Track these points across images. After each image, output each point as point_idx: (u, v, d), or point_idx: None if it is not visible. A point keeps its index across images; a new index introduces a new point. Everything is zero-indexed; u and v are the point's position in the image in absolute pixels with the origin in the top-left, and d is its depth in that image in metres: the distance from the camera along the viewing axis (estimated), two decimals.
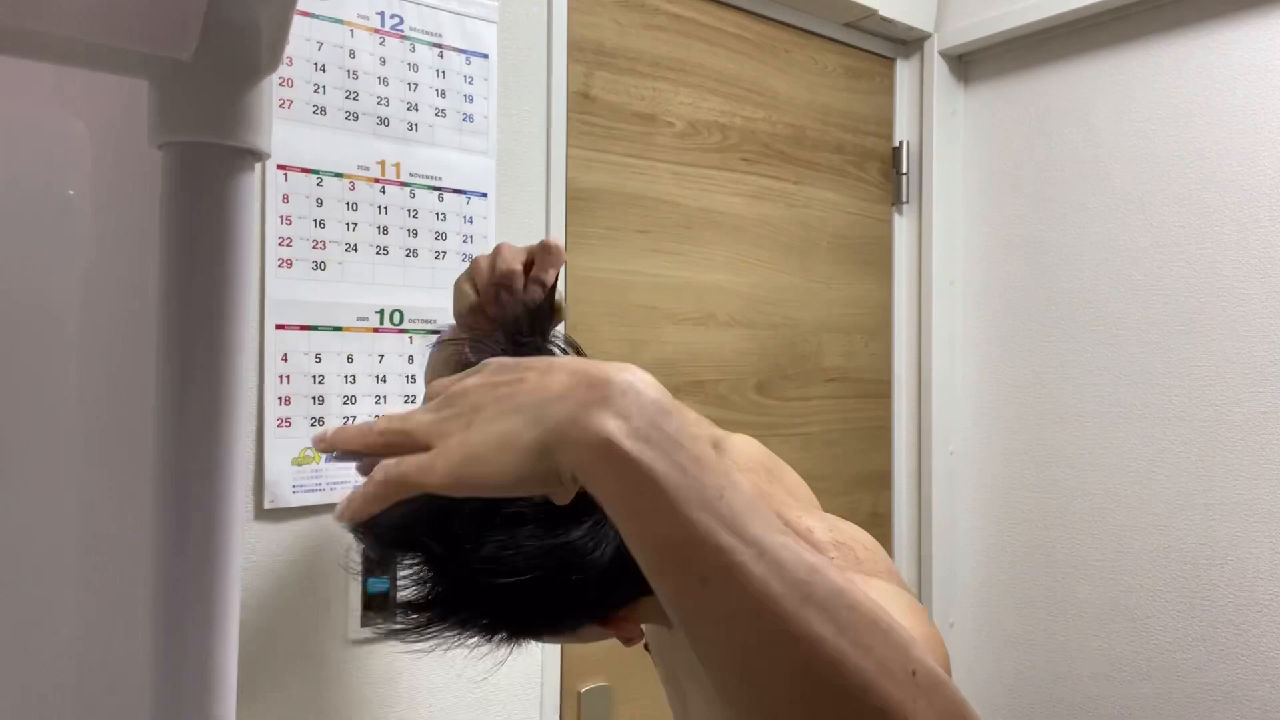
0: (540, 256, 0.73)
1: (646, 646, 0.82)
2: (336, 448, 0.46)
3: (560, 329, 0.86)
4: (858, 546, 0.63)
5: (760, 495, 0.69)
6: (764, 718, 0.37)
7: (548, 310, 0.73)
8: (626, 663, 1.31)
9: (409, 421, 0.44)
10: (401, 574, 0.59)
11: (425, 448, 0.42)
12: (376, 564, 0.84)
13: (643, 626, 0.80)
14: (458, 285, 0.77)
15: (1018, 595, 1.65)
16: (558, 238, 0.79)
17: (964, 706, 0.39)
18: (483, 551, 0.54)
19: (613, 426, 0.38)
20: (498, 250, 0.75)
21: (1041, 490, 1.62)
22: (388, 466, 0.42)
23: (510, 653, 0.61)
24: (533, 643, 0.66)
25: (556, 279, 0.74)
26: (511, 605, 0.57)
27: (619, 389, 0.39)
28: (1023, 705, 1.62)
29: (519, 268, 0.72)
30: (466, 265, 0.79)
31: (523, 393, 0.41)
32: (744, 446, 0.81)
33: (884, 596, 0.55)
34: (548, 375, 0.41)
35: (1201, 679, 1.40)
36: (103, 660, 0.82)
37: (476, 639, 0.59)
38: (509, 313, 0.71)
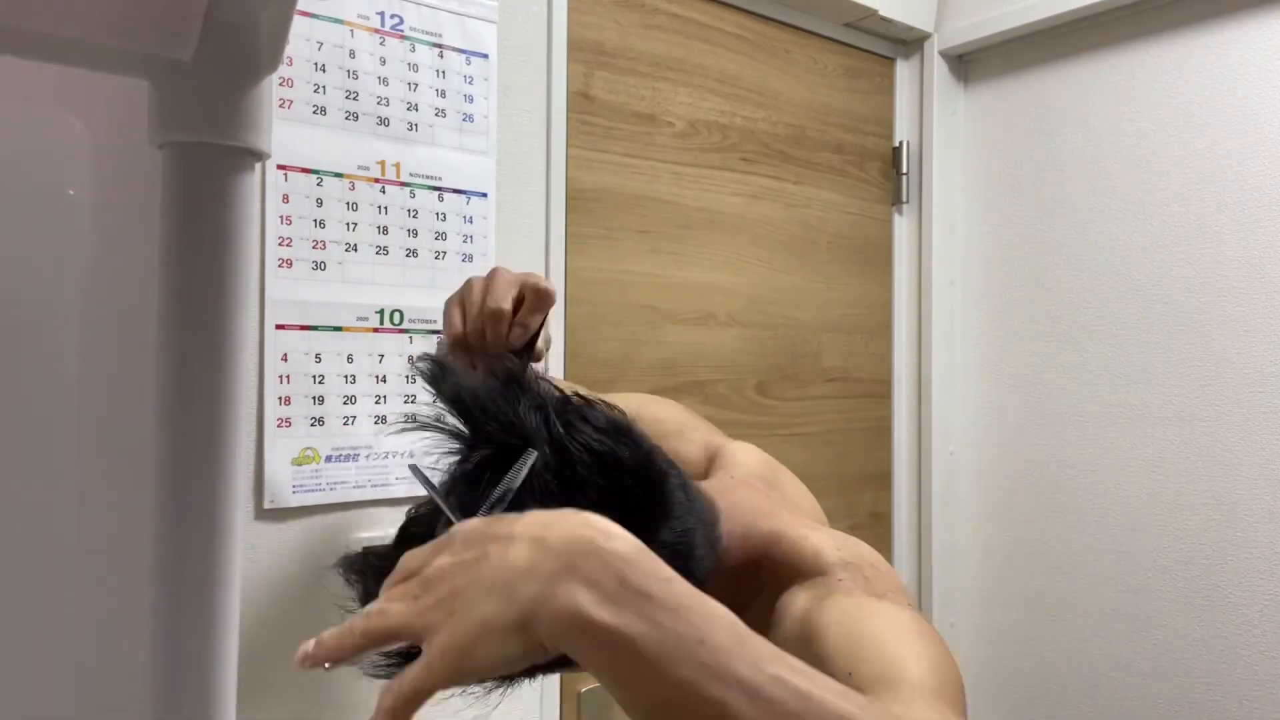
0: (530, 298, 0.74)
1: None
2: (322, 659, 0.44)
3: (545, 366, 0.87)
4: (865, 565, 0.63)
5: (756, 511, 0.68)
6: None
7: (526, 358, 0.74)
8: None
9: (388, 618, 0.43)
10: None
11: (409, 638, 0.43)
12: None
13: None
14: (448, 309, 0.77)
15: (1018, 595, 1.65)
16: (551, 281, 0.79)
17: None
18: None
19: (581, 599, 0.38)
20: (491, 281, 0.75)
21: (1041, 490, 1.62)
22: (393, 690, 0.42)
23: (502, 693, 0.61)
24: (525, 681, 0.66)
25: (543, 324, 0.75)
26: None
27: (581, 553, 0.40)
28: (1022, 705, 1.62)
29: (508, 308, 0.73)
30: (465, 269, 0.79)
31: (489, 571, 0.41)
32: (744, 456, 0.80)
33: (894, 625, 0.55)
34: (510, 547, 0.41)
35: (1202, 679, 1.40)
36: (103, 660, 0.82)
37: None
38: (490, 349, 0.73)
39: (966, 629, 1.72)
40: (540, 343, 0.78)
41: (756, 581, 0.65)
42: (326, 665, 0.45)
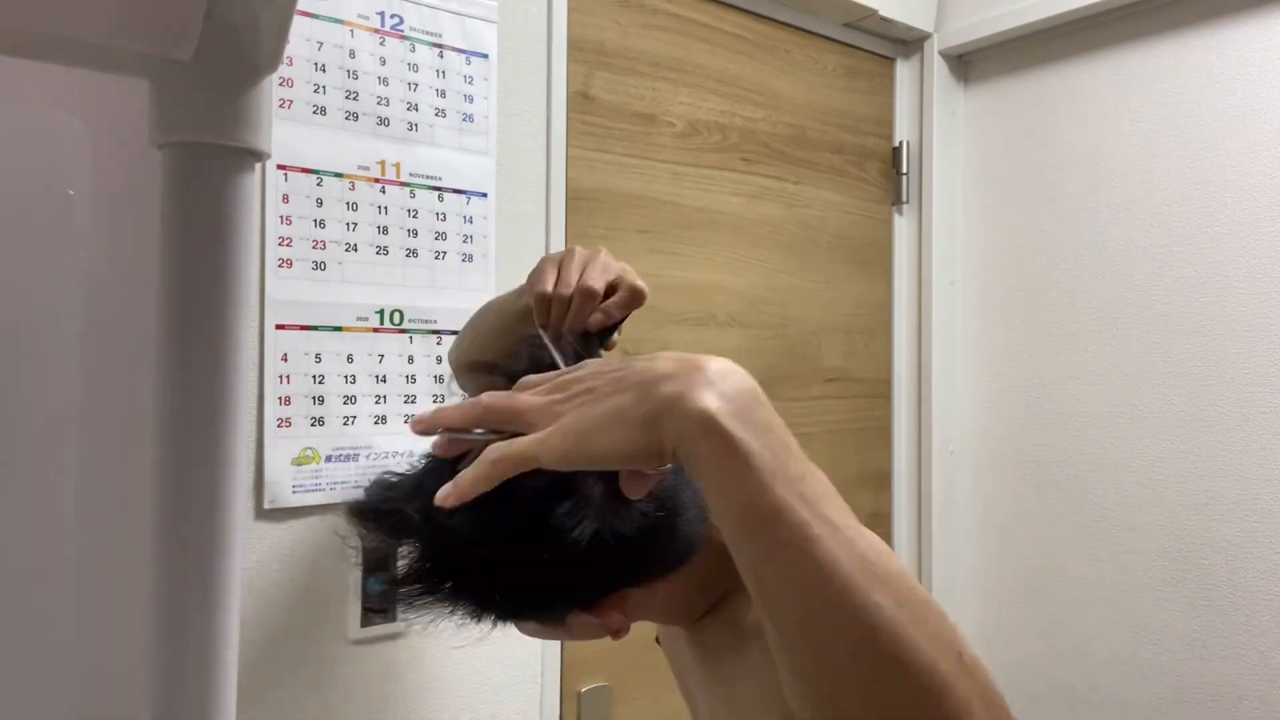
0: (624, 293, 0.76)
1: (658, 640, 0.82)
2: (440, 426, 0.48)
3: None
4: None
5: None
6: (825, 677, 0.41)
7: (599, 344, 0.75)
8: (626, 663, 1.31)
9: (516, 401, 0.48)
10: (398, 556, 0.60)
11: (529, 427, 0.46)
12: (374, 552, 0.84)
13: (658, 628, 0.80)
14: (542, 266, 0.78)
15: (1018, 595, 1.65)
16: (645, 284, 0.81)
17: (998, 693, 0.44)
18: (460, 523, 0.56)
19: (715, 405, 0.42)
20: (592, 259, 0.77)
21: (1041, 490, 1.62)
22: (500, 448, 0.46)
23: (497, 630, 0.62)
24: (530, 630, 0.67)
25: (624, 318, 0.77)
26: (494, 580, 0.58)
27: (720, 374, 0.44)
28: (1022, 705, 1.62)
29: (600, 289, 0.75)
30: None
31: (633, 375, 0.45)
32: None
33: None
34: (655, 360, 0.46)
35: (1202, 679, 1.40)
36: (103, 660, 0.82)
37: (468, 617, 0.61)
38: (567, 324, 0.74)
39: (966, 629, 1.72)
40: (616, 335, 0.79)
41: None
42: (440, 432, 0.48)
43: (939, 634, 0.41)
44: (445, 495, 0.47)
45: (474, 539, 0.57)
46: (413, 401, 1.08)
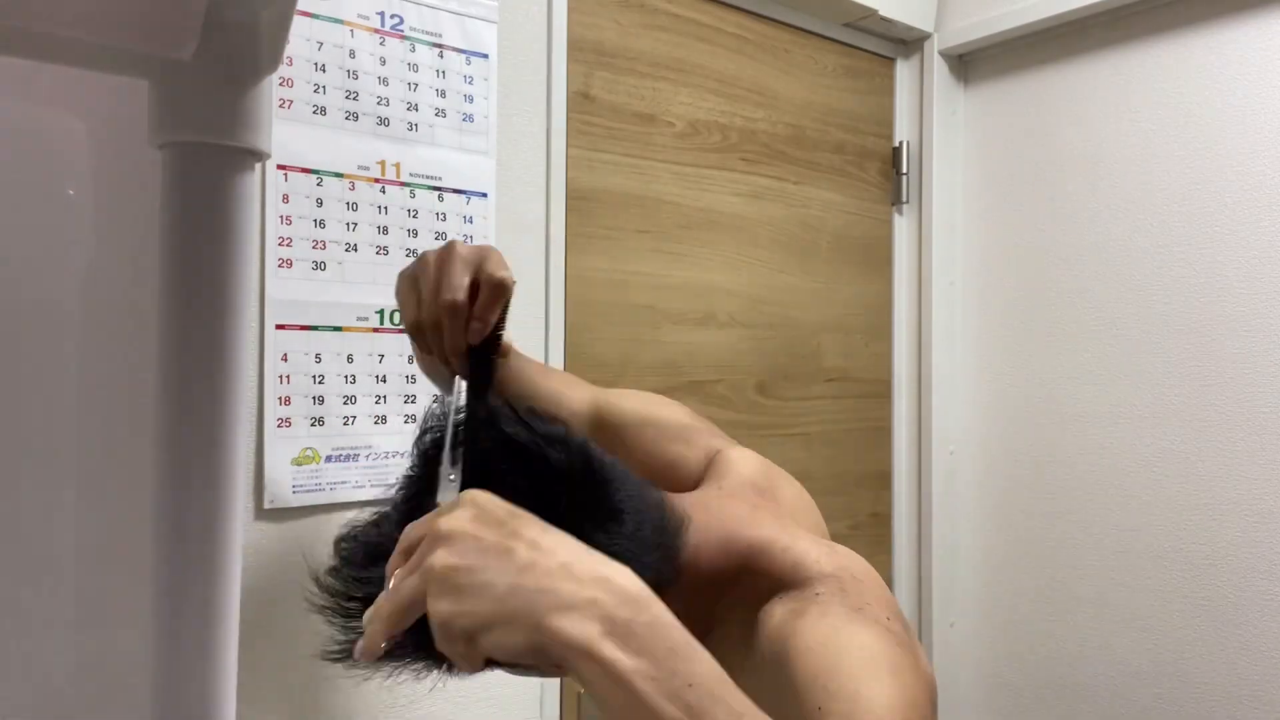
0: (485, 291, 0.70)
1: None
2: (368, 657, 0.48)
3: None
4: (846, 577, 0.62)
5: (739, 521, 0.68)
6: None
7: (489, 354, 0.71)
8: None
9: (400, 595, 0.47)
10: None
11: (422, 607, 0.46)
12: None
13: None
14: (401, 290, 0.73)
15: (1017, 595, 1.65)
16: (506, 268, 0.72)
17: None
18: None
19: (591, 630, 0.43)
20: (445, 266, 0.71)
21: (1041, 490, 1.62)
22: (396, 605, 0.47)
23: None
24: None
25: (502, 317, 0.72)
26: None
27: (602, 587, 0.44)
28: (1022, 705, 1.62)
29: (463, 299, 0.69)
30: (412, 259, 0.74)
31: (518, 571, 0.44)
32: (740, 466, 0.79)
33: (866, 657, 0.55)
34: (537, 556, 0.45)
35: (1202, 679, 1.40)
36: (103, 660, 0.82)
37: (421, 665, 0.60)
38: (448, 349, 0.70)
39: (966, 629, 1.72)
40: (507, 338, 0.74)
41: (736, 592, 0.65)
42: (380, 652, 0.48)
43: None
44: (359, 653, 0.48)
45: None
46: (413, 401, 1.08)
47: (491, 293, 0.70)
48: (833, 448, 1.64)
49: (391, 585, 0.47)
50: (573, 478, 0.61)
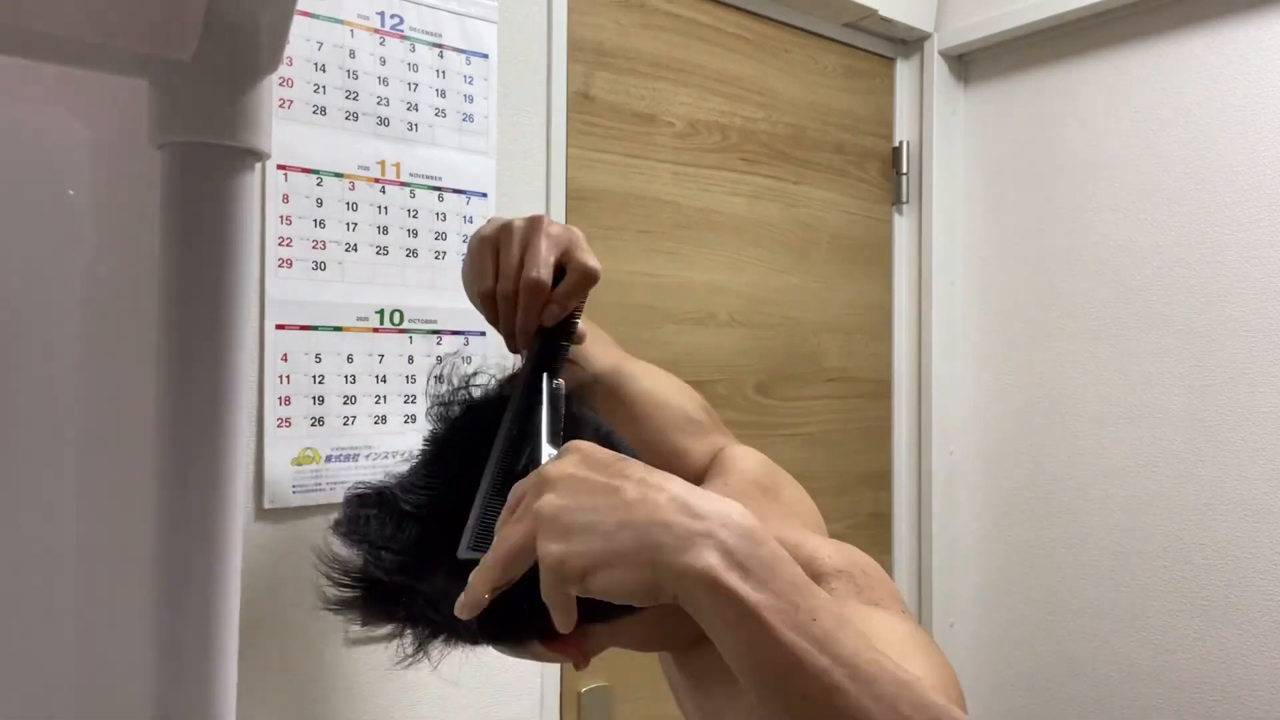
0: (573, 277, 0.67)
1: None
2: (475, 605, 0.47)
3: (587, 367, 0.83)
4: (857, 573, 0.62)
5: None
6: None
7: (564, 341, 0.68)
8: (627, 663, 1.31)
9: (509, 540, 0.46)
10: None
11: (540, 543, 0.45)
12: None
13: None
14: (479, 255, 0.69)
15: (1018, 595, 1.65)
16: (593, 255, 0.69)
17: None
18: (416, 550, 0.57)
19: (714, 560, 0.41)
20: (531, 240, 0.67)
21: (1041, 490, 1.62)
22: (486, 572, 0.46)
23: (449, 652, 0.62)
24: (496, 648, 0.66)
25: (581, 304, 0.68)
26: (440, 608, 0.57)
27: (718, 520, 0.43)
28: (1022, 705, 1.62)
29: (547, 280, 0.66)
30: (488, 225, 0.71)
31: (628, 506, 0.44)
32: (744, 464, 0.79)
33: (896, 637, 0.55)
34: (652, 492, 0.44)
35: (1202, 679, 1.40)
36: (103, 660, 0.82)
37: (421, 639, 0.61)
38: (519, 325, 0.67)
39: (966, 629, 1.72)
40: (582, 326, 0.71)
41: None
42: (484, 604, 0.47)
43: None
44: (461, 607, 0.47)
45: (419, 570, 0.57)
46: (412, 401, 1.08)
47: (580, 279, 0.67)
48: (833, 448, 1.64)
49: (499, 534, 0.46)
50: None
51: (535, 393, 0.62)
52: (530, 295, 0.66)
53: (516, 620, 0.59)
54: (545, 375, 0.63)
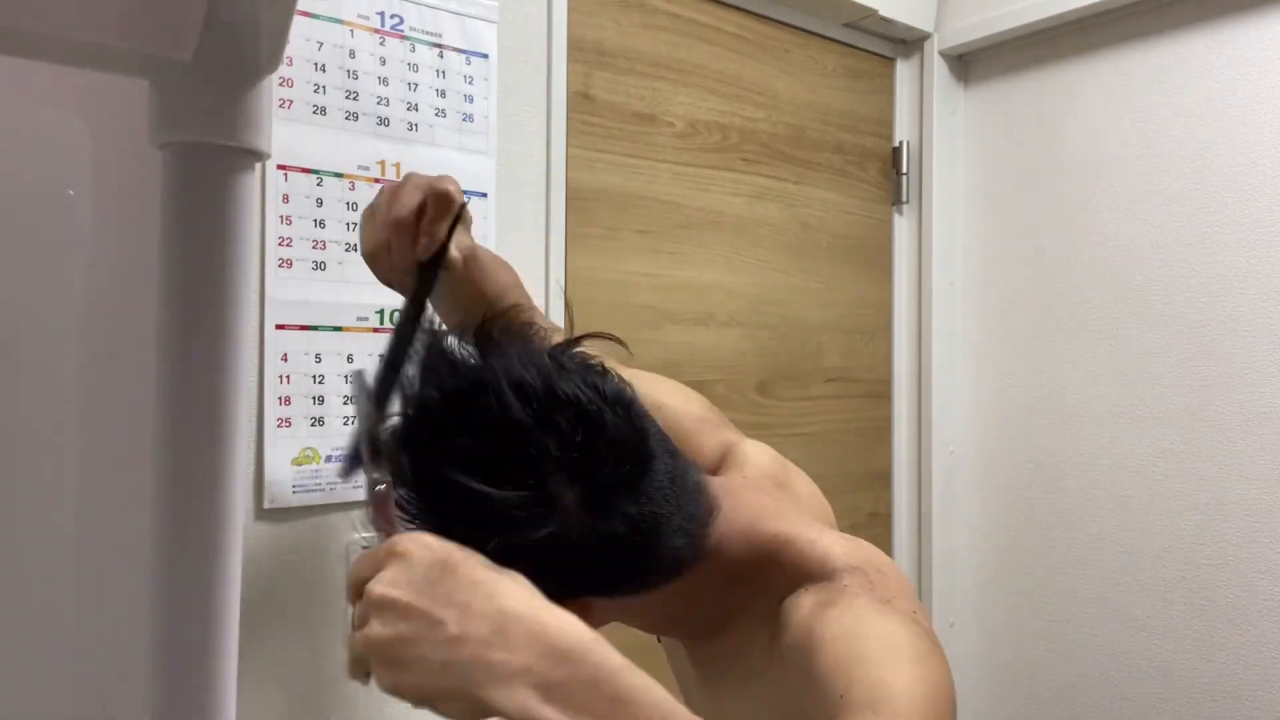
0: (432, 205, 0.71)
1: (660, 639, 0.82)
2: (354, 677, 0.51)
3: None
4: (871, 570, 0.62)
5: (763, 511, 0.68)
6: None
7: (434, 269, 0.72)
8: None
9: (353, 653, 0.49)
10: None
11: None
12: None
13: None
14: (361, 222, 0.75)
15: (1018, 595, 1.65)
16: (453, 179, 0.73)
17: None
18: (421, 491, 0.58)
19: (526, 698, 0.43)
20: (398, 189, 0.72)
21: (1041, 490, 1.62)
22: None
23: None
24: None
25: (451, 229, 0.72)
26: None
27: (536, 651, 0.44)
28: (1022, 705, 1.62)
29: (408, 216, 0.70)
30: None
31: (446, 644, 0.45)
32: (757, 456, 0.80)
33: (891, 646, 0.55)
34: (468, 625, 0.45)
35: (1202, 679, 1.40)
36: (103, 660, 0.82)
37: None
38: (399, 264, 0.71)
39: (966, 629, 1.72)
40: (455, 251, 0.74)
41: (761, 582, 0.65)
42: (365, 681, 0.49)
43: None
44: (348, 673, 0.51)
45: (421, 510, 0.58)
46: None
47: (437, 204, 0.71)
48: (833, 448, 1.64)
49: (348, 635, 0.49)
50: (615, 443, 0.60)
51: (410, 324, 0.66)
52: (397, 232, 0.70)
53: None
54: (419, 306, 0.68)
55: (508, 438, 0.55)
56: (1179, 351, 1.44)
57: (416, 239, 0.71)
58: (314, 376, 1.01)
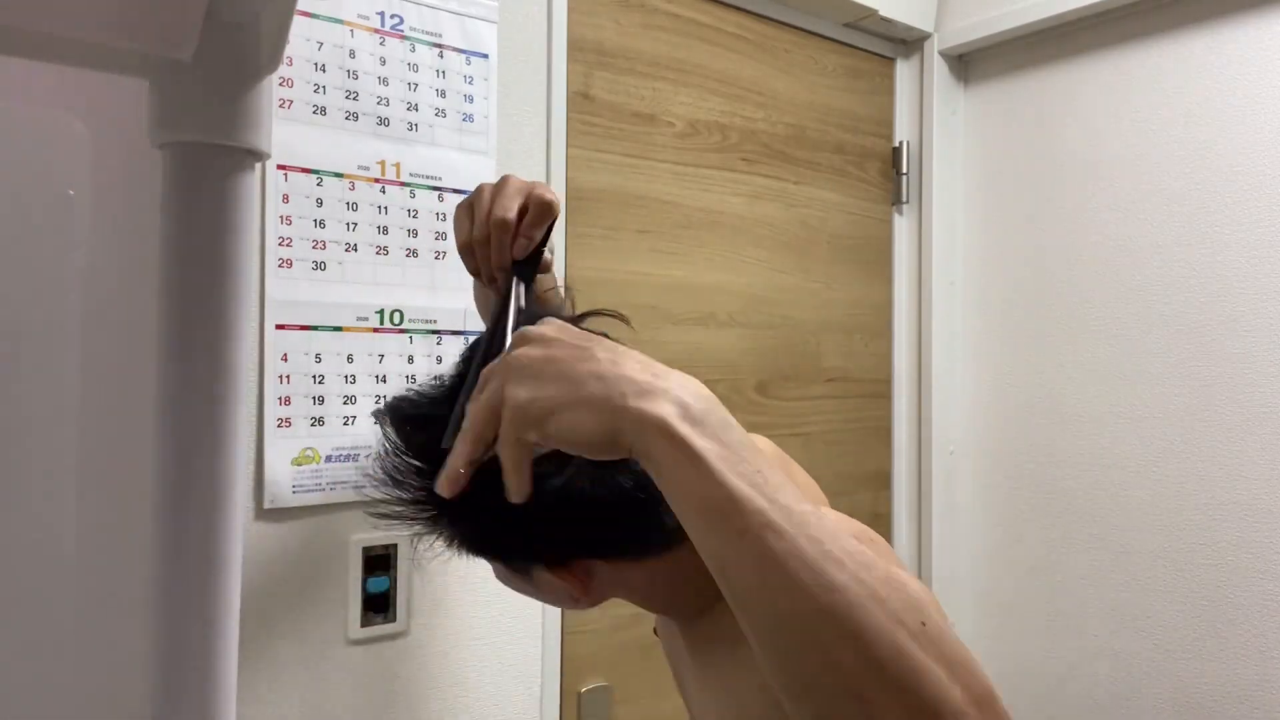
0: (534, 209, 0.75)
1: (656, 631, 0.82)
2: (458, 477, 0.50)
3: (557, 285, 0.89)
4: (865, 540, 0.63)
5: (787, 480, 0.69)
6: (790, 650, 0.42)
7: (532, 269, 0.76)
8: (626, 663, 1.31)
9: (483, 400, 0.49)
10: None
11: (509, 390, 0.48)
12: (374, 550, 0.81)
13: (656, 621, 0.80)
14: (457, 215, 0.79)
15: (1018, 595, 1.65)
16: (553, 189, 0.80)
17: (970, 660, 0.43)
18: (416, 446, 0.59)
19: (669, 411, 0.45)
20: (499, 189, 0.76)
21: (1041, 490, 1.62)
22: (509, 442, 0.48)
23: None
24: (501, 575, 0.68)
25: (548, 233, 0.76)
26: (457, 506, 0.58)
27: (678, 382, 0.47)
28: (1022, 705, 1.62)
29: (512, 218, 0.74)
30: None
31: (597, 364, 0.47)
32: (758, 442, 0.81)
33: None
34: (620, 356, 0.48)
35: (1202, 679, 1.40)
36: (103, 660, 0.82)
37: (430, 534, 0.64)
38: (493, 263, 0.75)
39: (966, 629, 1.72)
40: (548, 254, 0.79)
41: None
42: (463, 480, 0.50)
43: (900, 609, 0.42)
44: (441, 484, 0.50)
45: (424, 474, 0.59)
46: None
47: (538, 211, 0.75)
48: (833, 448, 1.64)
49: (469, 410, 0.50)
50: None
51: (508, 314, 0.69)
52: (498, 232, 0.74)
53: (516, 534, 0.61)
54: (516, 294, 0.72)
55: None
56: (1179, 351, 1.44)
57: (515, 239, 0.75)
58: (314, 376, 1.01)
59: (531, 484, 0.49)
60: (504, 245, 0.74)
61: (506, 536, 0.63)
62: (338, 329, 1.03)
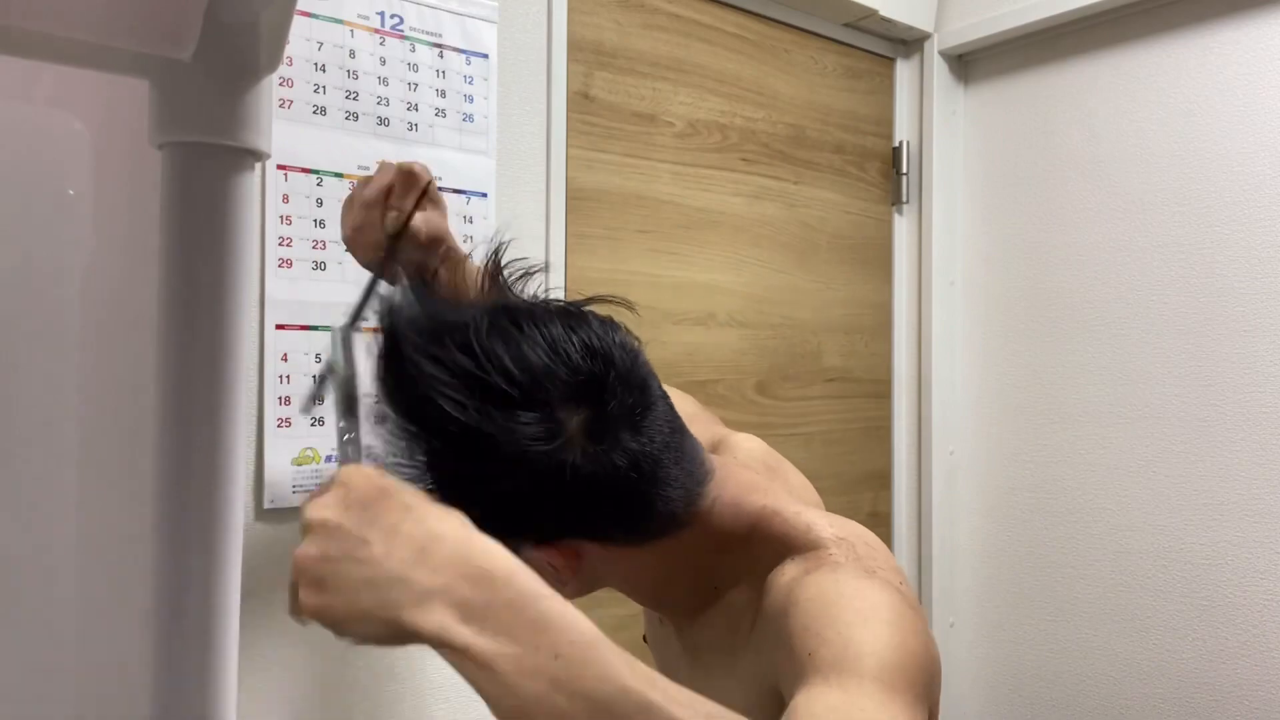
0: (399, 182, 0.76)
1: (645, 639, 0.82)
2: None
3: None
4: (859, 543, 0.63)
5: (752, 486, 0.68)
6: None
7: (396, 242, 0.76)
8: None
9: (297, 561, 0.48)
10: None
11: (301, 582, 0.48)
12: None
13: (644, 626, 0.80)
14: (341, 211, 0.81)
15: (1017, 595, 1.65)
16: (421, 164, 0.79)
17: None
18: (440, 402, 0.58)
19: (443, 618, 0.43)
20: (372, 178, 0.77)
21: (1041, 490, 1.62)
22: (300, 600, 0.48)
23: None
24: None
25: (416, 204, 0.76)
26: (445, 462, 0.58)
27: (456, 571, 0.44)
28: (1022, 705, 1.62)
29: (379, 196, 0.76)
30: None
31: (370, 567, 0.45)
32: (748, 445, 0.81)
33: (865, 606, 0.55)
34: (393, 546, 0.45)
35: (1201, 679, 1.40)
36: (103, 660, 0.82)
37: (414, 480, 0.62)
38: (370, 239, 0.76)
39: (966, 629, 1.72)
40: (421, 224, 0.78)
41: (748, 555, 0.65)
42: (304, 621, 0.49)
43: None
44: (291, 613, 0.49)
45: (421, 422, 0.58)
46: None
47: (404, 180, 0.75)
48: (833, 448, 1.64)
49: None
50: (622, 379, 0.63)
51: (369, 295, 0.70)
52: (367, 209, 0.75)
53: (505, 504, 0.60)
54: (390, 269, 0.72)
55: (519, 363, 0.57)
56: (1179, 351, 1.44)
57: (384, 215, 0.76)
58: (314, 377, 1.01)
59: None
60: (374, 224, 0.76)
61: (496, 509, 0.62)
62: None
